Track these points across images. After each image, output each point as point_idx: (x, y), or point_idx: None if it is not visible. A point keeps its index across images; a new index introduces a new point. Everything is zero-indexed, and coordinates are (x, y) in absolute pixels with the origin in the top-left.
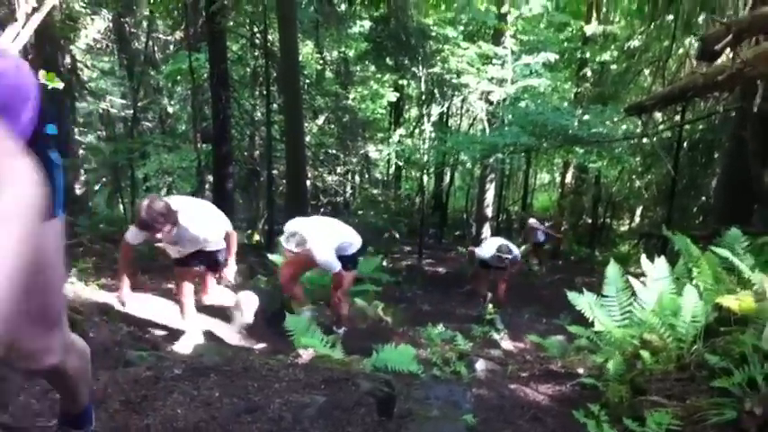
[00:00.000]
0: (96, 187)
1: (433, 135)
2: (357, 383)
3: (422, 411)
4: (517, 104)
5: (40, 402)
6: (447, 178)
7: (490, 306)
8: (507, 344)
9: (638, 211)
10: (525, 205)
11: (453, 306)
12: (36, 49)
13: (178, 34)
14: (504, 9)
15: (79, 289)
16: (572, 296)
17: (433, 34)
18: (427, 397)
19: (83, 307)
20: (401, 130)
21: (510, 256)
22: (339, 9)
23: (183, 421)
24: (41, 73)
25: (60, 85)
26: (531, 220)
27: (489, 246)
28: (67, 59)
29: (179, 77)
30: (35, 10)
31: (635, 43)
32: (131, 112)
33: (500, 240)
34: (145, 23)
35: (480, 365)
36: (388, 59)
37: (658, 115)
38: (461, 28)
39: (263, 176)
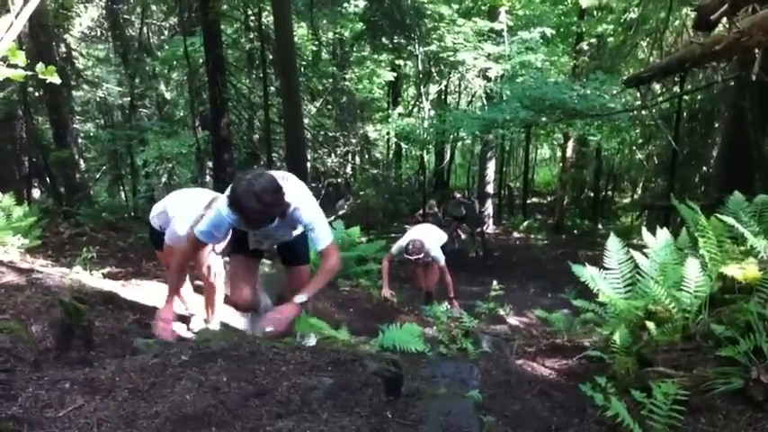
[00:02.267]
0: (96, 176)
1: (431, 113)
2: (364, 364)
3: (429, 390)
4: (515, 80)
5: (49, 393)
6: (447, 156)
7: (495, 283)
8: (513, 319)
9: (640, 183)
10: (526, 181)
11: (458, 283)
12: (31, 39)
13: (172, 20)
14: None
15: (84, 278)
16: (576, 268)
17: (429, 12)
18: (434, 375)
19: (87, 296)
20: (399, 109)
21: (419, 256)
22: None
23: (192, 407)
24: (39, 66)
25: (57, 81)
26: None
27: (402, 240)
28: (62, 48)
29: (175, 63)
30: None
31: (632, 15)
32: (128, 99)
33: (415, 234)
34: (138, 10)
35: (486, 342)
36: (383, 39)
37: (657, 87)
38: (456, 6)
39: (262, 160)
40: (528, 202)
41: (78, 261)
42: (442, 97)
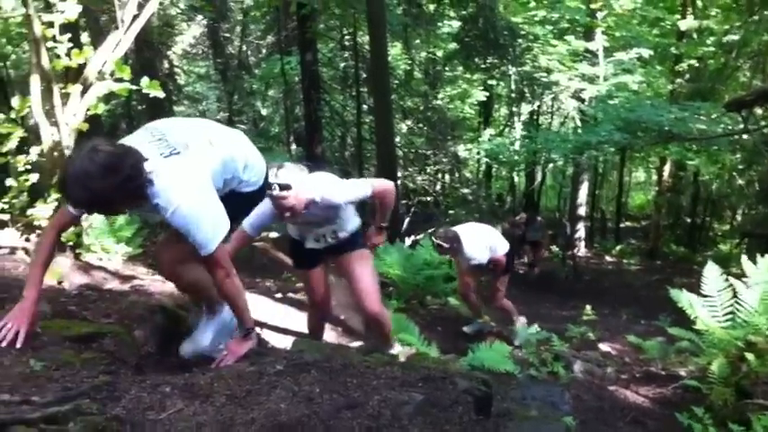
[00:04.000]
0: None
1: (522, 134)
2: (455, 382)
3: (520, 411)
4: (609, 101)
5: (150, 396)
6: (538, 177)
7: (588, 307)
8: (605, 345)
9: (740, 210)
10: (620, 204)
11: (548, 307)
12: (136, 54)
13: (270, 38)
14: (595, 5)
15: None
16: (674, 293)
17: (523, 32)
18: (524, 397)
19: (187, 303)
20: (490, 129)
21: (444, 245)
22: (427, 10)
23: (286, 416)
24: (144, 80)
25: (161, 94)
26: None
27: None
28: (165, 64)
29: (271, 80)
30: (135, 17)
31: (733, 37)
32: (226, 114)
33: (461, 228)
34: (238, 28)
35: (578, 366)
36: (477, 59)
37: (759, 111)
38: (550, 27)
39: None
40: (621, 225)
41: None
42: (534, 117)
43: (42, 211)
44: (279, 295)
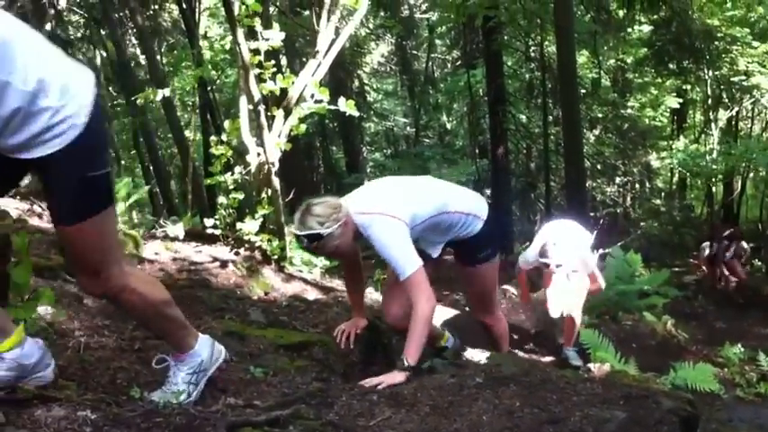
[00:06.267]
0: None
1: (720, 142)
2: (658, 401)
3: None
4: None
5: (360, 403)
6: (738, 187)
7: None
8: None
9: None
10: None
11: (750, 323)
12: (330, 75)
13: (456, 53)
14: None
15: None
16: None
17: (720, 35)
18: (731, 419)
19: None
20: (684, 138)
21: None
22: (616, 15)
23: (489, 428)
24: (341, 101)
25: (356, 113)
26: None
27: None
28: (356, 83)
29: (456, 94)
30: (333, 42)
31: None
32: (413, 129)
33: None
34: (425, 45)
35: None
36: (669, 64)
37: None
38: (746, 30)
39: (539, 189)
40: None
41: (371, 283)
42: (733, 124)
43: (250, 226)
44: (468, 309)
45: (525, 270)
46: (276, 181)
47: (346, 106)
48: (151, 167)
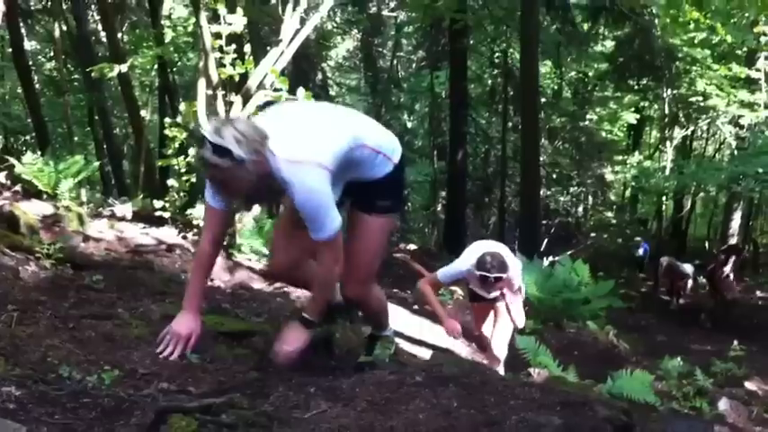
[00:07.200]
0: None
1: (674, 159)
2: (594, 409)
3: None
4: None
5: (297, 395)
6: (688, 204)
7: (735, 343)
8: (752, 384)
9: None
10: None
11: (691, 339)
12: (293, 66)
13: (421, 53)
14: (758, 29)
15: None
16: None
17: (681, 55)
18: (665, 430)
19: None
20: (638, 154)
21: (500, 276)
22: (581, 29)
23: (425, 426)
24: (300, 91)
25: None
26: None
27: (470, 255)
28: (319, 76)
29: (419, 94)
30: (297, 32)
31: None
32: None
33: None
34: (390, 43)
35: (723, 404)
36: (630, 80)
37: None
38: (707, 52)
39: (494, 193)
40: None
41: None
42: (688, 143)
43: (200, 211)
44: (416, 307)
45: (439, 286)
46: None
47: (304, 98)
48: (105, 145)
